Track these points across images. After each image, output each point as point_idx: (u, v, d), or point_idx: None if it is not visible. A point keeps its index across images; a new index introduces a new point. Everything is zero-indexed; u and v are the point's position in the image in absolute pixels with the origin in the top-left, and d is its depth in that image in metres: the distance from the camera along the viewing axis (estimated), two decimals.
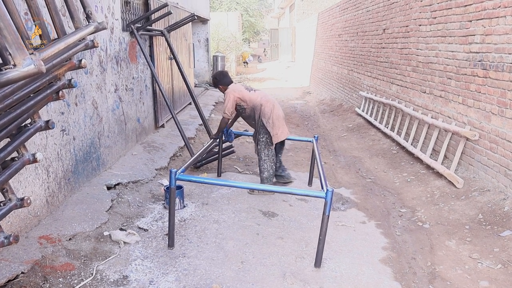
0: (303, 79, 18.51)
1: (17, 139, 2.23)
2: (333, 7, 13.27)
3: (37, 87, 2.25)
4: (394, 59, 7.48)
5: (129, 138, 5.72)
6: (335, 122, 9.51)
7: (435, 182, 5.05)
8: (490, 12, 4.47)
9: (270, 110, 4.73)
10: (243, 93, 4.82)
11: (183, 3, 9.09)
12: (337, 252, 3.52)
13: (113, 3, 5.17)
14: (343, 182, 5.47)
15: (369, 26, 9.11)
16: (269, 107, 4.74)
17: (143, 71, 6.35)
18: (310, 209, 4.45)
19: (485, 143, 4.56)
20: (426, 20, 6.11)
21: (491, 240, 3.63)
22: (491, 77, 4.46)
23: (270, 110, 4.73)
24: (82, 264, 3.12)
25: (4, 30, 1.54)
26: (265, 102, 4.75)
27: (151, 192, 4.67)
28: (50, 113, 3.63)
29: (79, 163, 4.21)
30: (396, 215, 4.42)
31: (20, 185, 3.21)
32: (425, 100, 6.17)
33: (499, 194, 4.22)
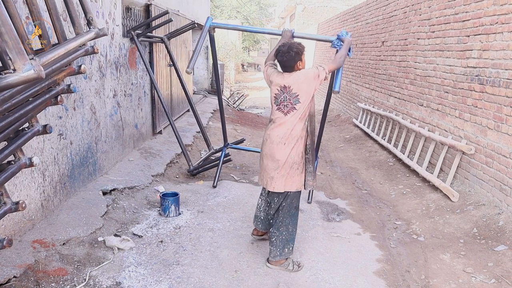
0: None
1: (14, 142, 2.23)
2: (332, 18, 13.38)
3: (36, 91, 2.26)
4: (392, 71, 7.53)
5: (126, 143, 5.71)
6: (333, 133, 9.54)
7: (431, 195, 5.06)
8: (487, 28, 4.52)
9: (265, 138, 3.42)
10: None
11: (184, 11, 9.15)
12: (331, 263, 3.51)
13: (114, 9, 5.20)
14: (339, 193, 5.47)
15: (368, 38, 9.18)
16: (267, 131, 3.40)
17: (142, 77, 6.37)
18: (305, 219, 4.45)
19: (481, 157, 4.59)
20: (425, 34, 6.17)
21: (485, 255, 3.63)
22: (487, 92, 4.50)
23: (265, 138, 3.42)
24: (75, 269, 3.11)
25: (5, 35, 1.55)
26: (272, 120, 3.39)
27: (146, 198, 4.66)
28: (48, 117, 3.63)
29: (75, 168, 4.20)
30: (391, 227, 4.42)
31: (15, 189, 3.20)
32: (422, 113, 6.21)
33: (494, 208, 4.23)
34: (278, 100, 3.31)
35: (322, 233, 4.11)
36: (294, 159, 3.28)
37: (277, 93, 3.32)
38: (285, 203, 3.37)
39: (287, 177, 3.29)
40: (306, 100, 3.25)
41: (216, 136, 7.96)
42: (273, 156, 3.28)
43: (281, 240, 3.35)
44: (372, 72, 8.78)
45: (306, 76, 3.25)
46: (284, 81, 3.28)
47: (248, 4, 38.50)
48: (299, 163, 3.31)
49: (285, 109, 3.27)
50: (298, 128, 3.26)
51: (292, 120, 3.25)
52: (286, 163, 3.26)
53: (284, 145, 3.25)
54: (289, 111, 3.26)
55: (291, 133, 3.25)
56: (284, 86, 3.27)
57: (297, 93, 3.23)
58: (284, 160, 3.26)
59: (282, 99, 3.28)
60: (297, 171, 3.32)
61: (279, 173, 3.28)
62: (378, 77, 8.43)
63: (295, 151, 3.28)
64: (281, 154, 3.26)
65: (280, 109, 3.30)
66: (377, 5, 8.64)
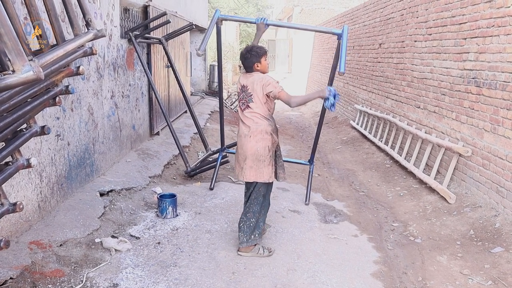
0: (299, 90, 18.59)
1: (12, 143, 2.23)
2: (330, 20, 13.41)
3: (34, 92, 2.26)
4: (390, 73, 7.55)
5: (124, 144, 5.71)
6: (330, 135, 9.56)
7: (428, 197, 5.07)
8: (484, 30, 4.55)
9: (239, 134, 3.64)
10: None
11: (182, 12, 9.15)
12: (328, 265, 3.52)
13: (112, 10, 5.19)
14: (336, 194, 5.48)
15: (365, 40, 9.21)
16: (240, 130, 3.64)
17: (139, 78, 6.37)
18: (303, 221, 4.45)
19: (478, 159, 4.61)
20: (422, 36, 6.19)
21: (482, 256, 3.65)
22: (484, 94, 4.52)
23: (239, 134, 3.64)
24: (72, 270, 3.10)
25: (4, 36, 1.55)
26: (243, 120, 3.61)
27: (144, 199, 4.65)
28: (45, 118, 3.62)
29: (72, 169, 4.19)
30: (388, 229, 4.43)
31: (13, 189, 3.19)
32: (419, 115, 6.23)
33: (491, 210, 4.25)
34: (239, 97, 3.67)
35: (320, 235, 4.12)
36: (260, 152, 3.49)
37: (238, 92, 3.67)
38: (254, 192, 3.57)
39: (255, 168, 3.50)
40: (258, 101, 3.52)
41: (214, 137, 7.96)
42: (241, 148, 3.56)
43: (249, 226, 3.56)
44: (369, 74, 8.80)
45: (260, 80, 3.52)
46: (244, 81, 3.59)
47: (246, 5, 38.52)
48: (265, 156, 3.51)
49: (242, 106, 3.61)
50: (261, 124, 3.52)
51: (251, 116, 3.53)
52: (253, 155, 3.49)
53: (250, 137, 3.51)
54: (245, 108, 3.57)
55: (255, 128, 3.51)
56: (243, 86, 3.59)
57: (251, 93, 3.53)
58: (251, 152, 3.49)
59: (241, 97, 3.62)
60: (264, 163, 3.51)
61: (247, 164, 3.51)
62: (375, 79, 8.46)
63: (261, 145, 3.50)
64: (248, 147, 3.51)
65: (239, 105, 3.65)
66: (375, 7, 8.67)
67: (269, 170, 3.54)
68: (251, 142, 3.49)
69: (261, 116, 3.53)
